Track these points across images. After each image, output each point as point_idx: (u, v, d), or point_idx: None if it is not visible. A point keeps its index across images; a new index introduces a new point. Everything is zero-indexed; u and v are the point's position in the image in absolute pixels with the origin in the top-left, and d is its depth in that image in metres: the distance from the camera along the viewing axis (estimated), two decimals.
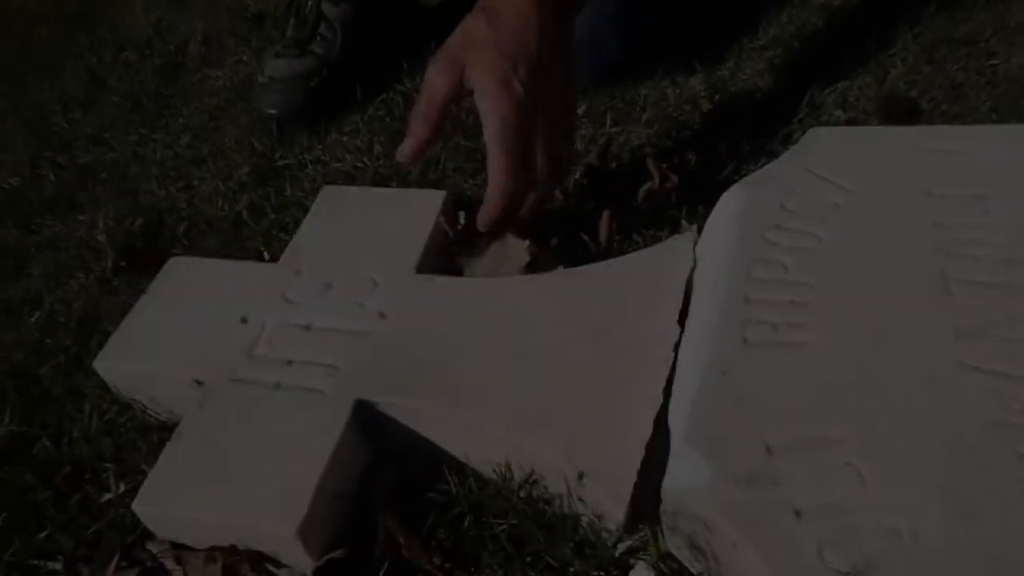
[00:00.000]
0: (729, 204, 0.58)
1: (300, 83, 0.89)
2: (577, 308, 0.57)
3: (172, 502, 0.51)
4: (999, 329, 0.46)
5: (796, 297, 0.51)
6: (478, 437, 0.53)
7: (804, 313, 0.50)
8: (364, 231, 0.67)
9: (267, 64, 0.91)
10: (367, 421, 0.54)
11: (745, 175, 0.75)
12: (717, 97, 0.87)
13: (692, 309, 0.54)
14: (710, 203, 0.64)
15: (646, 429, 0.48)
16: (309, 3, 0.94)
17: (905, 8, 0.95)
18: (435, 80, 0.59)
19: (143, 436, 0.61)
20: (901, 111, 0.80)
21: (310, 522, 0.49)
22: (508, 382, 0.53)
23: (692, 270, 0.57)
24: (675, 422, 0.47)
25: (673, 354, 0.52)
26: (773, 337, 0.49)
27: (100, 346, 0.66)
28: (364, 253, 0.65)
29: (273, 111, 0.89)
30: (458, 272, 0.66)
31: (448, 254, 0.68)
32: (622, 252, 0.64)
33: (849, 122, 0.82)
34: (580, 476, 0.48)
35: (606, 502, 0.47)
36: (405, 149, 0.62)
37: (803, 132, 0.80)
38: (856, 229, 0.54)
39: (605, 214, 0.68)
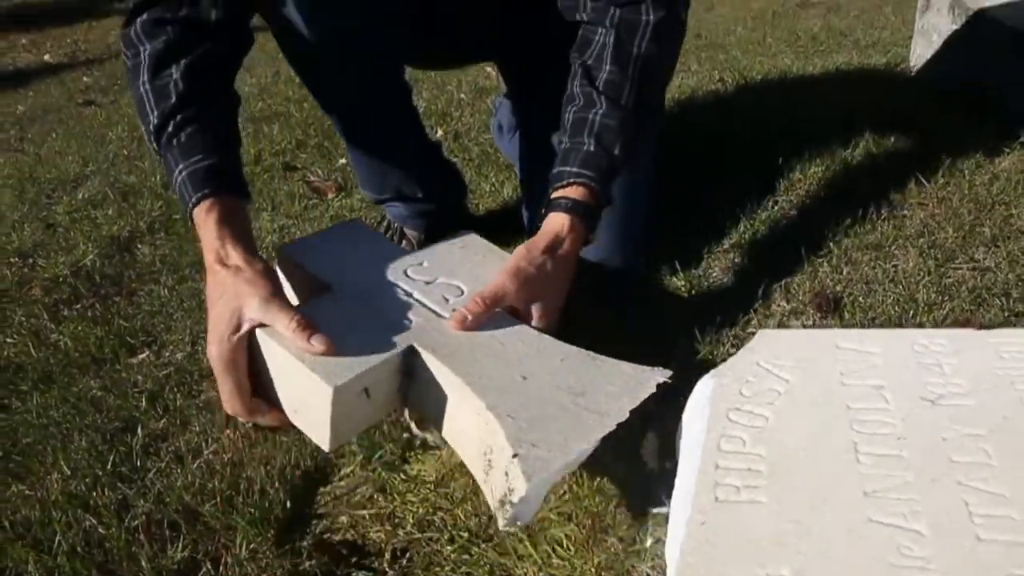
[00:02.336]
0: (703, 390, 0.68)
1: None
2: (572, 374, 0.66)
3: None
4: (895, 492, 0.55)
5: (752, 465, 0.59)
6: (467, 406, 0.63)
7: (758, 477, 0.58)
8: (469, 265, 0.81)
9: None
10: (408, 364, 0.66)
11: (716, 354, 0.86)
12: (693, 292, 0.98)
13: (679, 471, 0.62)
14: (690, 377, 0.73)
15: (576, 451, 0.59)
16: (395, 225, 1.09)
17: (828, 219, 1.08)
18: (508, 297, 0.71)
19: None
20: (828, 303, 0.91)
21: (344, 390, 0.61)
22: (505, 385, 0.64)
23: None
24: (670, 559, 0.55)
25: (615, 424, 0.61)
26: (736, 497, 0.57)
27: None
28: (463, 275, 0.79)
29: None
30: None
31: None
32: None
33: (791, 311, 0.92)
34: (514, 456, 0.57)
35: (518, 479, 0.57)
36: (458, 323, 0.69)
37: (757, 319, 0.91)
38: (793, 412, 0.63)
39: None
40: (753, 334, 0.89)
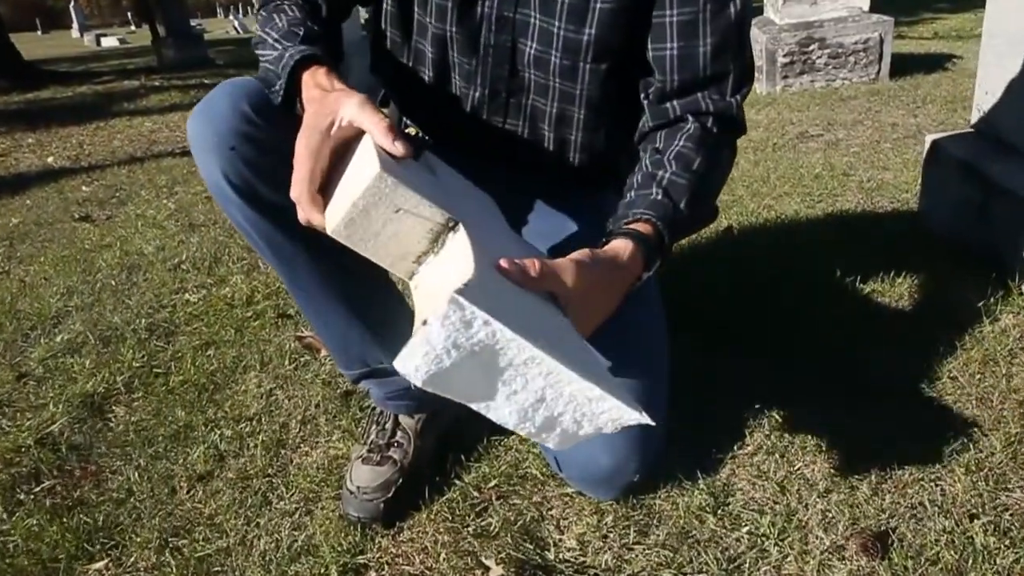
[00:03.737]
0: None
1: (380, 494, 0.91)
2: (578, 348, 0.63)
3: None
4: None
5: None
6: (463, 270, 0.57)
7: None
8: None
9: (354, 471, 0.94)
10: (443, 234, 0.63)
11: None
12: (719, 511, 0.88)
13: None
14: None
15: (507, 333, 0.53)
16: (389, 415, 0.99)
17: (859, 423, 0.99)
18: (563, 281, 0.65)
19: None
20: (875, 544, 0.81)
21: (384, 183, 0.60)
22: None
23: None
24: None
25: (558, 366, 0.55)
26: None
27: None
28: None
29: (358, 516, 0.91)
30: None
31: None
32: None
33: (831, 546, 0.82)
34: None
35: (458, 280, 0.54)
36: (508, 265, 0.63)
37: (794, 556, 0.81)
38: None
39: None
40: None
